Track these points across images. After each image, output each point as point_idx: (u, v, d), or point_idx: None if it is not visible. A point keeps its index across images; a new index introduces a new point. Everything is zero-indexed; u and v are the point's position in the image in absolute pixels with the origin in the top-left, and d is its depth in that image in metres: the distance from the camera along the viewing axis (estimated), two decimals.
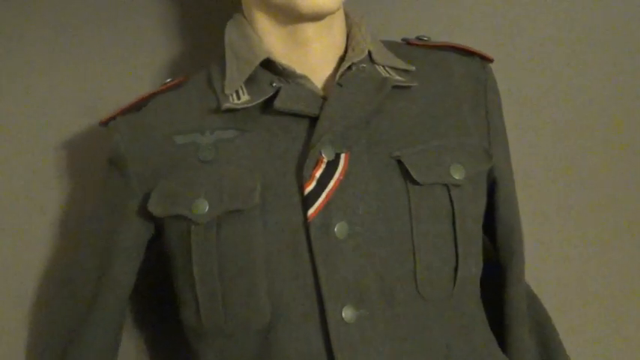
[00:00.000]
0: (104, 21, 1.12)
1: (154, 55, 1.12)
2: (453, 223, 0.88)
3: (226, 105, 0.90)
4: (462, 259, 0.88)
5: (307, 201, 0.85)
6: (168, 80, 0.98)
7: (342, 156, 0.87)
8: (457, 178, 0.89)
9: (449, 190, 0.89)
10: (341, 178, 0.86)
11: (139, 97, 0.96)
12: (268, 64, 0.92)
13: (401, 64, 0.95)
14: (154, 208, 0.90)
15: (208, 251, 0.86)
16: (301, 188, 0.86)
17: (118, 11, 1.12)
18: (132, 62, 1.12)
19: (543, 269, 1.12)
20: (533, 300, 1.02)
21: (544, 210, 1.12)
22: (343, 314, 0.84)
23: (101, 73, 1.12)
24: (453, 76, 0.97)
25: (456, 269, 0.87)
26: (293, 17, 0.90)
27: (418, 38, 1.01)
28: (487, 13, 1.14)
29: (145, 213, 0.92)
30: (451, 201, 0.89)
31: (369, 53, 0.94)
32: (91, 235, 0.97)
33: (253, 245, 0.85)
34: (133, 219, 0.94)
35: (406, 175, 0.88)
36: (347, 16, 0.97)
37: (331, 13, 0.88)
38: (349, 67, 0.92)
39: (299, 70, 0.92)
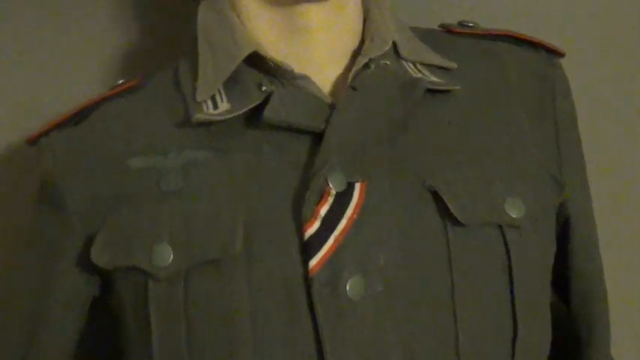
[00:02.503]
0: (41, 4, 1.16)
1: (102, 47, 1.15)
2: (510, 278, 0.88)
3: (198, 116, 0.90)
4: (523, 327, 0.87)
5: (308, 248, 0.85)
6: (121, 82, 0.98)
7: (357, 186, 0.87)
8: (515, 216, 0.89)
9: (503, 233, 0.88)
10: (355, 216, 0.85)
11: (80, 106, 0.96)
12: (256, 60, 0.91)
13: (438, 59, 0.95)
14: (99, 256, 0.90)
15: (173, 315, 0.86)
16: (300, 230, 0.85)
17: None
18: (73, 57, 1.15)
19: None
20: None
21: None
22: None
23: (32, 73, 1.15)
24: (509, 75, 0.97)
25: (513, 341, 0.87)
26: None
27: (461, 24, 1.02)
28: None
29: (87, 263, 0.91)
30: (507, 248, 0.88)
31: (394, 45, 0.94)
32: (13, 295, 0.97)
33: (234, 308, 0.85)
34: (71, 272, 0.93)
35: (444, 211, 0.87)
36: None
37: None
38: (366, 65, 0.92)
39: (298, 69, 0.91)
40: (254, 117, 0.90)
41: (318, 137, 0.88)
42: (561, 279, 0.99)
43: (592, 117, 1.14)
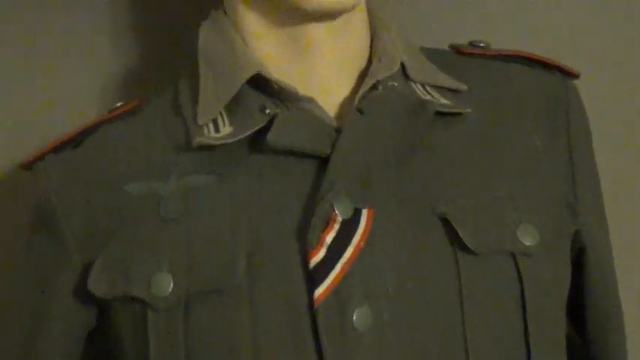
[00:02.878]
0: (37, 23, 1.16)
1: (100, 69, 1.15)
2: (523, 308, 0.88)
3: (200, 140, 0.89)
4: (537, 359, 0.87)
5: (314, 276, 0.84)
6: (119, 105, 0.98)
7: (364, 212, 0.86)
8: (528, 244, 0.89)
9: (516, 262, 0.88)
10: (362, 244, 0.85)
11: (77, 129, 0.96)
12: (259, 82, 0.91)
13: (448, 81, 0.95)
14: (97, 285, 0.89)
15: (173, 346, 0.86)
16: (305, 258, 0.85)
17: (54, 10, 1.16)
18: (71, 79, 1.15)
19: None
20: None
21: None
22: None
23: (29, 95, 1.15)
24: (522, 98, 0.97)
25: None
26: (293, 15, 0.90)
27: (472, 44, 1.01)
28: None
29: (83, 292, 0.91)
30: (520, 276, 0.88)
31: (403, 66, 0.94)
32: (4, 327, 0.96)
33: (236, 338, 0.85)
34: (67, 301, 0.92)
35: (455, 239, 0.87)
36: (371, 13, 0.97)
37: (346, 9, 0.88)
38: (374, 86, 0.92)
39: (302, 90, 0.91)
40: (257, 141, 0.89)
41: (323, 162, 0.88)
42: (576, 309, 0.98)
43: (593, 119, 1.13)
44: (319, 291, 0.84)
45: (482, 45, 1.01)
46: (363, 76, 0.93)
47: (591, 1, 1.23)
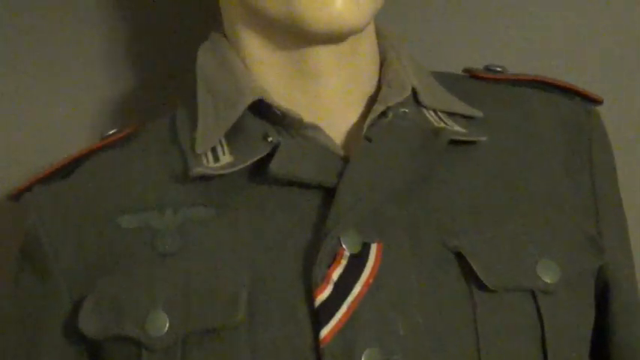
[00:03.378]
0: (28, 45, 1.18)
1: (92, 94, 1.16)
2: (543, 349, 0.87)
3: (198, 170, 0.89)
4: None
5: (320, 315, 0.84)
6: (112, 132, 0.98)
7: (373, 247, 0.86)
8: (548, 280, 0.88)
9: (536, 300, 0.88)
10: (370, 280, 0.85)
11: (67, 158, 0.96)
12: (262, 108, 0.91)
13: (462, 107, 0.95)
14: (88, 325, 0.89)
15: None
16: (310, 296, 0.85)
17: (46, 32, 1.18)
18: (61, 104, 1.16)
19: None
20: None
21: None
22: None
23: (17, 119, 1.16)
24: (541, 125, 0.97)
25: None
26: (298, 38, 0.90)
27: (487, 69, 1.02)
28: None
29: (74, 331, 0.90)
30: (539, 315, 0.88)
31: (414, 91, 0.94)
32: None
33: None
34: (57, 341, 0.92)
35: (470, 275, 0.87)
36: (380, 36, 0.98)
37: (355, 31, 0.88)
38: (383, 113, 0.92)
39: (307, 117, 0.91)
40: (259, 171, 0.89)
41: (329, 193, 0.87)
42: (599, 349, 0.97)
43: None
44: (325, 331, 0.83)
45: (498, 69, 1.01)
46: (371, 102, 0.93)
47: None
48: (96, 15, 1.19)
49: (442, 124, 0.92)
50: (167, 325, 0.85)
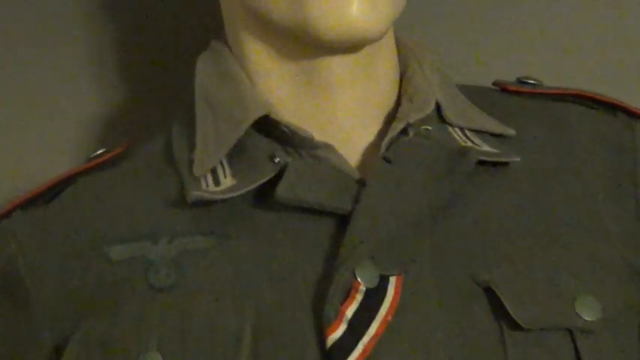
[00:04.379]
0: (11, 60, 1.20)
1: (79, 110, 1.18)
2: None
3: (196, 194, 0.89)
4: None
5: (332, 357, 0.83)
6: (101, 152, 0.99)
7: (392, 280, 0.86)
8: (588, 318, 0.87)
9: (574, 340, 0.87)
10: (389, 318, 0.84)
11: (50, 182, 0.97)
12: (267, 125, 0.92)
13: (491, 124, 0.96)
14: None
15: None
16: (322, 335, 0.84)
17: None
18: (45, 121, 1.18)
19: None
20: None
21: None
22: None
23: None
24: (579, 144, 0.98)
25: None
26: (308, 47, 0.90)
27: (520, 81, 1.03)
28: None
29: None
30: (578, 357, 0.87)
31: (438, 107, 0.95)
32: None
33: None
34: None
35: (500, 312, 0.86)
36: (400, 44, 0.99)
37: (372, 39, 0.88)
38: (403, 131, 0.92)
39: (319, 136, 0.92)
40: (265, 195, 0.89)
41: (343, 221, 0.87)
42: None
43: None
44: None
45: (532, 82, 1.02)
46: (390, 118, 0.94)
47: None
48: (82, 22, 1.21)
49: (469, 143, 0.93)
50: None
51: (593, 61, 1.26)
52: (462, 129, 0.94)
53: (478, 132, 0.94)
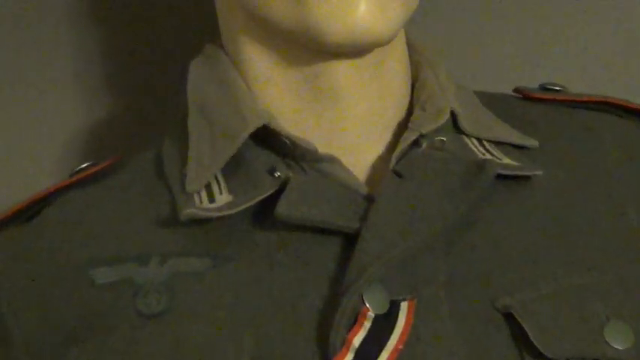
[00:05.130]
0: None
1: (63, 121, 1.21)
2: None
3: (189, 212, 0.89)
4: None
5: None
6: (85, 165, 1.00)
7: (403, 306, 0.85)
8: (619, 347, 0.87)
9: None
10: (400, 347, 0.83)
11: (30, 198, 0.97)
12: (267, 137, 0.92)
13: (512, 135, 0.97)
14: None
15: None
16: None
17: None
18: (25, 133, 1.22)
19: None
20: None
21: None
22: None
23: None
24: (609, 156, 0.98)
25: None
26: (312, 51, 0.90)
27: (544, 88, 1.04)
28: None
29: None
30: None
31: (453, 116, 0.95)
32: None
33: None
34: None
35: (523, 341, 0.86)
36: (412, 49, 0.99)
37: (381, 43, 0.88)
38: (415, 142, 0.93)
39: (323, 148, 0.92)
40: (264, 213, 0.89)
41: (350, 240, 0.87)
42: None
43: None
44: None
45: (557, 89, 1.03)
46: (401, 129, 0.94)
47: None
48: (69, 27, 1.22)
49: (488, 156, 0.93)
50: None
51: (609, 64, 1.29)
52: (479, 140, 0.95)
53: (497, 143, 0.95)
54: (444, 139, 0.92)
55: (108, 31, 1.21)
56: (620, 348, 0.86)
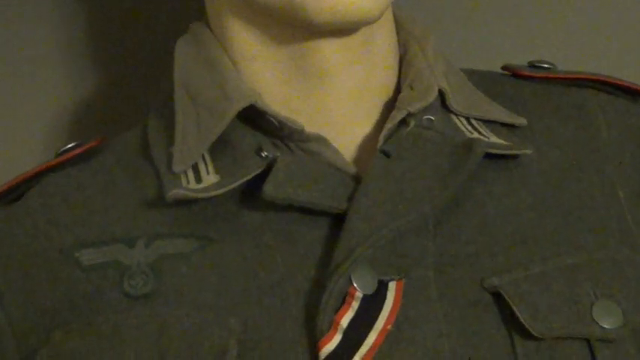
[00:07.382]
0: None
1: (47, 101, 1.20)
2: None
3: (175, 192, 0.89)
4: None
5: None
6: (71, 145, 0.99)
7: (392, 286, 0.86)
8: (608, 326, 0.87)
9: (592, 350, 0.87)
10: (388, 327, 0.84)
11: (14, 180, 0.97)
12: (254, 116, 0.92)
13: (501, 113, 0.97)
14: None
15: None
16: (315, 347, 0.84)
17: None
18: (9, 114, 1.20)
19: None
20: None
21: None
22: None
23: None
24: (600, 134, 0.98)
25: None
26: (299, 29, 0.90)
27: (533, 65, 1.03)
28: None
29: None
30: None
31: (442, 95, 0.95)
32: None
33: None
34: None
35: (511, 320, 0.87)
36: (400, 27, 0.99)
37: (368, 21, 0.88)
38: (403, 121, 0.92)
39: (310, 127, 0.92)
40: (251, 193, 0.89)
41: (338, 220, 0.87)
42: None
43: None
44: None
45: (546, 66, 1.02)
46: (389, 108, 0.94)
47: None
48: (52, 6, 1.20)
49: (476, 134, 0.93)
50: None
51: (606, 45, 1.28)
52: (468, 119, 0.94)
53: (486, 122, 0.95)
54: (432, 118, 0.92)
55: (92, 9, 1.20)
56: (609, 327, 0.87)
